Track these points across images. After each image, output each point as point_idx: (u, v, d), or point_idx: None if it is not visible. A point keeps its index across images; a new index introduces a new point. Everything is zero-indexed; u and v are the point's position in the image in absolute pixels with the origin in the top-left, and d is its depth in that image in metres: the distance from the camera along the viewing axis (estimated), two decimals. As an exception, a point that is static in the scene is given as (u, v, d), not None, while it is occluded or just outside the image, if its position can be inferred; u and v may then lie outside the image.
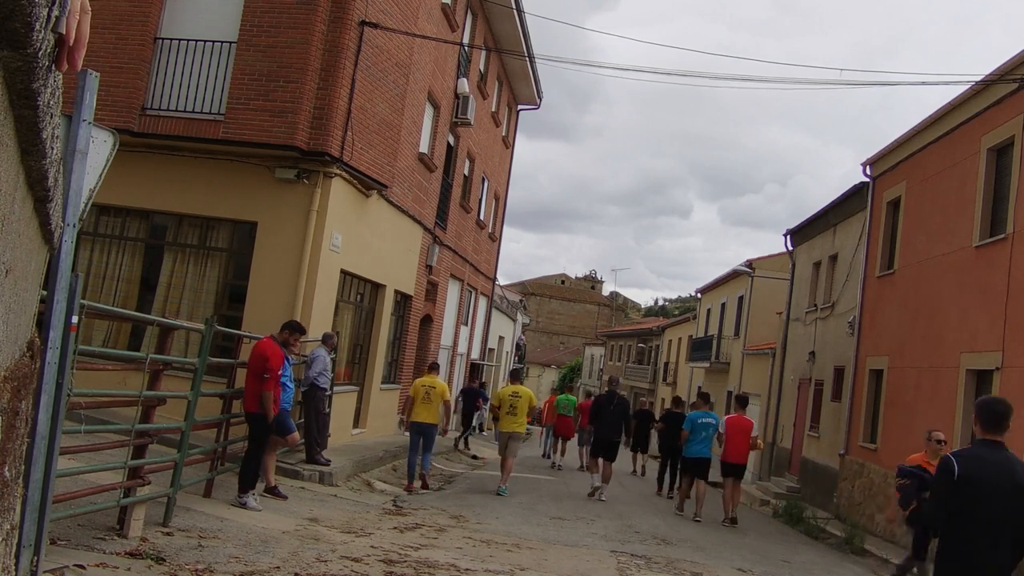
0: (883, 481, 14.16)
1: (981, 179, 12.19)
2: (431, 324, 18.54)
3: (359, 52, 11.54)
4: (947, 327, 12.74)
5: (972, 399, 11.68)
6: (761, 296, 26.72)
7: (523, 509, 11.34)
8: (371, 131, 12.33)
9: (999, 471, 4.28)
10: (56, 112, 2.03)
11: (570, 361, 65.22)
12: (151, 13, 11.54)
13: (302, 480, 10.32)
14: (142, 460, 6.15)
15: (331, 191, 11.46)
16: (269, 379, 7.98)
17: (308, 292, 11.27)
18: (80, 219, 3.43)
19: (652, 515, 12.61)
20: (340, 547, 7.06)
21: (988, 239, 11.76)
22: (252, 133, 10.98)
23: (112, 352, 9.67)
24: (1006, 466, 4.30)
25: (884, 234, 16.25)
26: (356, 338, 14.23)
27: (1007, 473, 4.27)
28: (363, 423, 14.53)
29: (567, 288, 75.52)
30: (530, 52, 21.14)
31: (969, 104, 12.72)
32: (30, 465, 3.51)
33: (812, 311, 20.43)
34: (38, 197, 2.29)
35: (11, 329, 2.16)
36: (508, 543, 8.55)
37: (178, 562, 5.67)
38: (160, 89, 11.49)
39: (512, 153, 26.34)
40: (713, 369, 30.45)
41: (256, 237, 11.44)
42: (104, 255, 12.01)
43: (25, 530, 3.58)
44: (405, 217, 15.21)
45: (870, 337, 16.17)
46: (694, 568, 8.65)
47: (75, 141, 3.28)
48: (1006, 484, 4.25)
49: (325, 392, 10.96)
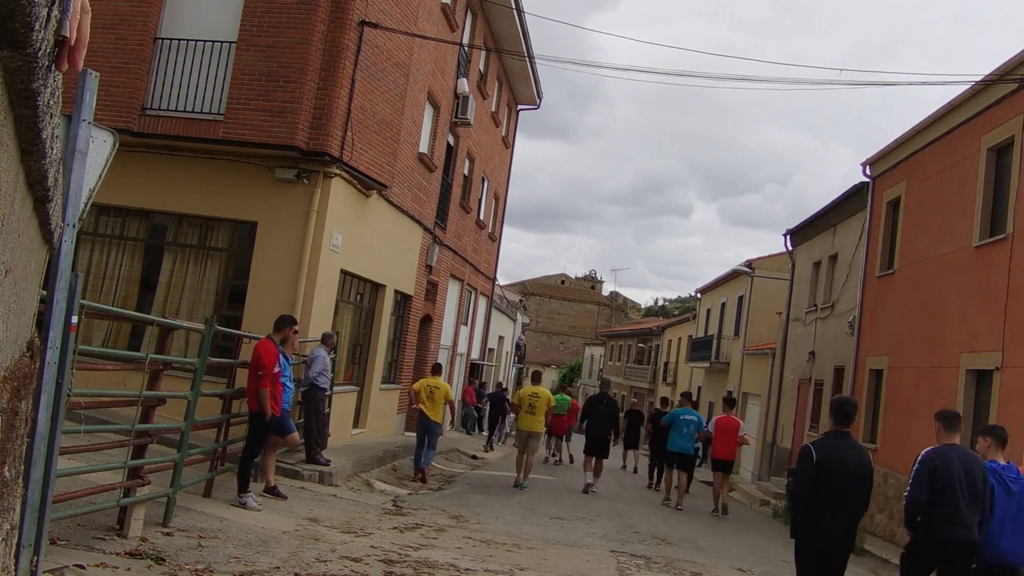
0: (883, 481, 14.16)
1: (981, 179, 12.19)
2: (431, 324, 18.55)
3: (359, 52, 11.54)
4: (947, 327, 12.74)
5: (972, 399, 11.70)
6: (761, 296, 26.71)
7: (523, 509, 11.34)
8: (371, 131, 12.33)
9: (844, 454, 5.88)
10: (56, 112, 2.03)
11: (570, 361, 65.23)
12: (151, 13, 11.53)
13: (302, 480, 10.32)
14: (142, 460, 6.15)
15: (331, 191, 11.46)
16: (263, 376, 8.00)
17: (308, 292, 11.27)
18: (80, 219, 3.43)
19: (652, 515, 12.63)
20: (340, 547, 7.06)
21: (988, 239, 11.76)
22: (252, 133, 10.98)
23: (112, 352, 9.67)
24: (850, 451, 5.93)
25: (884, 234, 16.24)
26: (356, 338, 14.24)
27: (851, 456, 5.89)
28: (363, 423, 14.53)
29: (567, 288, 75.52)
30: (530, 52, 21.14)
31: (969, 104, 12.72)
32: (30, 465, 3.51)
33: (812, 311, 20.44)
34: (38, 197, 2.29)
35: (11, 329, 2.16)
36: (508, 543, 8.56)
37: (178, 562, 5.67)
38: (160, 89, 11.49)
39: (512, 153, 26.34)
40: (713, 369, 30.45)
41: (256, 237, 11.44)
42: (104, 255, 12.01)
43: (25, 530, 3.58)
44: (405, 217, 15.21)
45: (870, 337, 16.17)
46: (694, 568, 8.65)
47: (75, 141, 3.28)
48: (850, 464, 5.85)
49: (325, 392, 10.96)
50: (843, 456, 5.84)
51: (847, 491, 5.80)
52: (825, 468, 5.79)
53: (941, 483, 5.81)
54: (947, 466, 5.85)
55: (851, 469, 5.83)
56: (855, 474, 5.83)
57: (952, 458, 5.91)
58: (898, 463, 13.76)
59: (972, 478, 5.86)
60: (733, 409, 14.49)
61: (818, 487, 5.79)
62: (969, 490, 5.83)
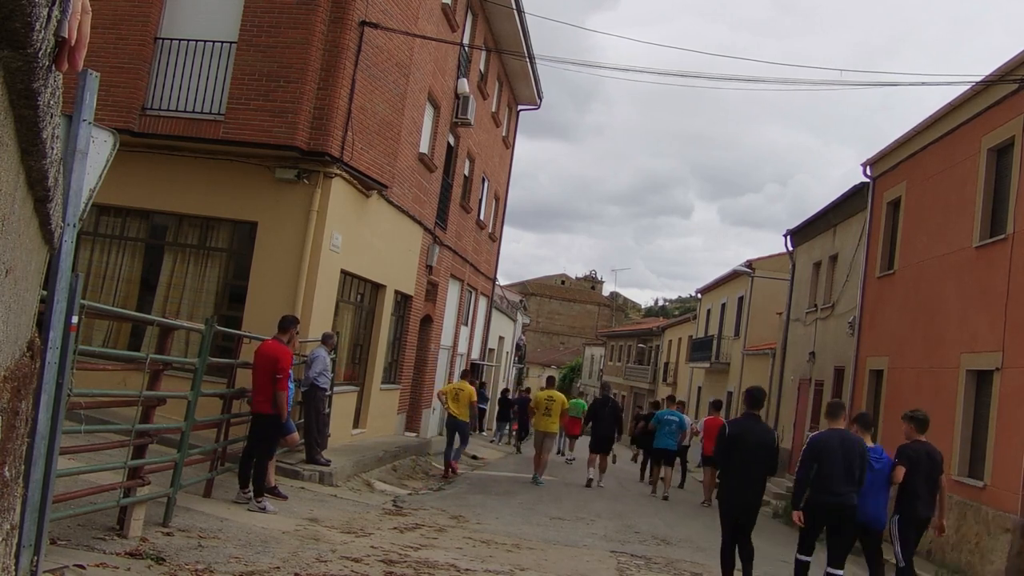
0: (883, 481, 14.17)
1: (981, 179, 12.18)
2: (431, 324, 18.54)
3: (359, 52, 11.54)
4: (947, 327, 12.73)
5: (973, 400, 11.70)
6: (761, 296, 26.71)
7: (523, 509, 11.34)
8: (371, 131, 12.33)
9: (752, 431, 7.56)
10: (56, 112, 2.03)
11: (570, 361, 65.18)
12: (151, 13, 11.53)
13: (302, 480, 10.32)
14: (142, 460, 6.15)
15: (331, 191, 11.46)
16: (282, 379, 8.01)
17: (308, 292, 11.27)
18: (80, 219, 3.43)
19: (652, 515, 12.63)
20: (340, 547, 7.06)
21: (988, 239, 11.76)
22: (252, 133, 10.98)
23: (112, 352, 9.67)
24: (756, 429, 7.62)
25: (884, 234, 16.24)
26: (356, 338, 14.23)
27: (757, 433, 7.57)
28: (363, 423, 14.53)
29: (567, 288, 75.46)
30: (530, 52, 21.14)
31: (969, 104, 12.72)
32: (30, 465, 3.51)
33: (812, 311, 20.44)
34: (38, 197, 2.29)
35: (11, 329, 2.17)
36: (508, 543, 8.56)
37: (178, 562, 5.67)
38: (160, 89, 11.48)
39: (512, 153, 26.34)
40: (713, 369, 30.44)
41: (256, 237, 11.43)
42: (104, 255, 12.01)
43: (25, 530, 3.58)
44: (405, 217, 15.21)
45: (870, 337, 16.17)
46: (694, 568, 8.65)
47: (75, 141, 3.27)
48: (756, 439, 7.50)
49: (325, 392, 10.96)
50: (751, 432, 7.55)
51: (752, 460, 7.46)
52: (735, 441, 7.53)
53: (822, 460, 7.29)
54: (828, 447, 7.32)
55: (754, 442, 7.47)
56: (757, 444, 7.47)
57: (833, 440, 7.39)
58: (898, 463, 13.75)
59: (849, 456, 7.30)
60: (719, 411, 16.49)
61: (731, 456, 7.54)
62: (844, 466, 7.26)
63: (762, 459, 7.45)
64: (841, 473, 7.25)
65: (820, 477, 7.31)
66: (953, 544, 11.14)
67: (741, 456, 7.43)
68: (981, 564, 10.31)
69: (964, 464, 11.57)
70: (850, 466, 7.29)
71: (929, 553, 11.74)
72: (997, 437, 10.65)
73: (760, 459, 7.44)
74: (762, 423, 7.85)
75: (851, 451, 7.36)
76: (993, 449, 10.70)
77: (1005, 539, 9.91)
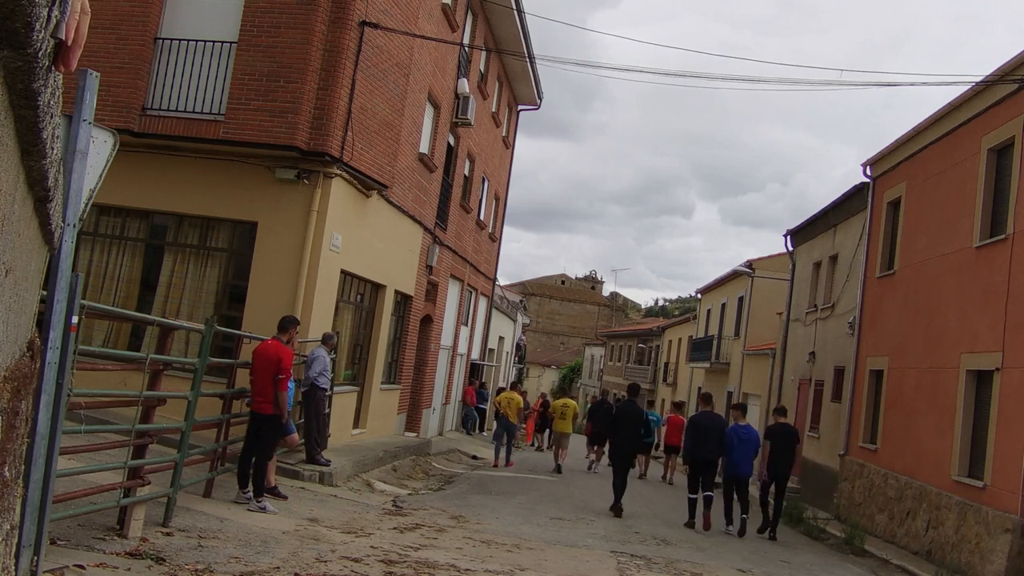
0: (883, 482, 14.16)
1: (981, 179, 12.18)
2: (431, 324, 18.55)
3: (359, 52, 11.54)
4: (947, 328, 12.73)
5: (973, 400, 11.70)
6: (761, 296, 26.70)
7: (523, 509, 11.34)
8: (371, 131, 12.33)
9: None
10: (56, 112, 2.03)
11: (570, 361, 65.14)
12: (151, 13, 11.53)
13: (302, 480, 10.32)
14: (142, 460, 6.15)
15: (331, 191, 11.46)
16: (283, 380, 8.01)
17: (308, 292, 11.27)
18: (80, 219, 3.44)
19: (652, 515, 12.63)
20: (340, 547, 7.06)
21: (988, 239, 11.75)
22: (252, 133, 10.98)
23: (112, 352, 9.67)
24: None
25: (884, 234, 16.24)
26: (356, 338, 14.23)
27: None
28: (363, 423, 14.53)
29: (567, 288, 75.44)
30: (530, 52, 21.13)
31: (970, 104, 12.71)
32: (30, 465, 3.51)
33: (812, 311, 20.43)
34: (38, 197, 2.30)
35: (11, 329, 2.17)
36: (508, 543, 8.55)
37: (178, 562, 5.67)
38: (160, 89, 11.49)
39: (512, 153, 26.33)
40: (713, 369, 30.43)
41: (256, 237, 11.44)
42: (104, 255, 12.01)
43: (25, 530, 3.58)
44: (405, 217, 15.21)
45: (870, 337, 16.17)
46: (694, 568, 8.65)
47: (75, 141, 3.28)
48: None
49: (325, 392, 10.96)
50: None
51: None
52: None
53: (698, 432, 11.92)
54: (703, 424, 12.00)
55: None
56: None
57: (705, 419, 12.15)
58: (899, 464, 13.76)
59: (715, 429, 11.90)
60: (680, 410, 20.29)
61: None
62: (711, 435, 11.83)
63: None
64: (711, 440, 11.79)
65: (697, 442, 11.87)
66: (953, 544, 11.14)
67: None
68: (981, 564, 10.31)
69: (964, 464, 11.56)
70: (716, 435, 11.82)
71: (929, 553, 11.74)
72: (997, 437, 10.64)
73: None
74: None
75: (716, 427, 11.94)
76: (993, 449, 10.70)
77: (1005, 539, 9.90)
